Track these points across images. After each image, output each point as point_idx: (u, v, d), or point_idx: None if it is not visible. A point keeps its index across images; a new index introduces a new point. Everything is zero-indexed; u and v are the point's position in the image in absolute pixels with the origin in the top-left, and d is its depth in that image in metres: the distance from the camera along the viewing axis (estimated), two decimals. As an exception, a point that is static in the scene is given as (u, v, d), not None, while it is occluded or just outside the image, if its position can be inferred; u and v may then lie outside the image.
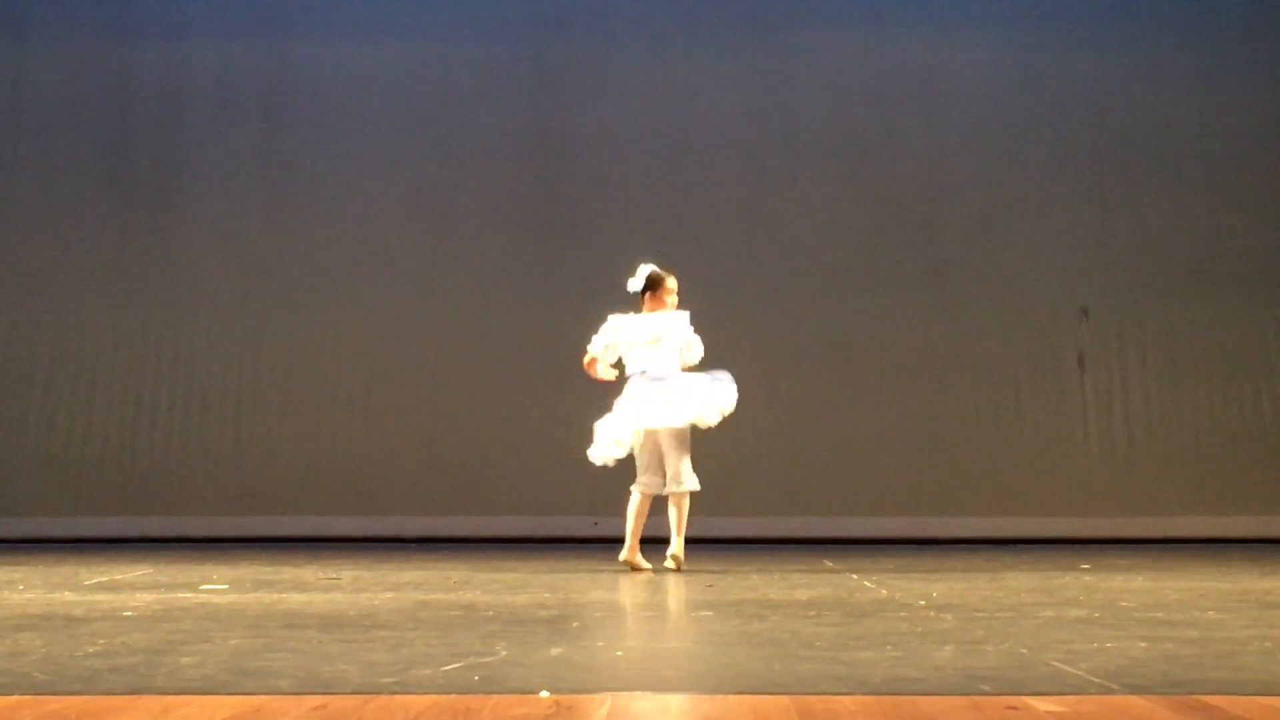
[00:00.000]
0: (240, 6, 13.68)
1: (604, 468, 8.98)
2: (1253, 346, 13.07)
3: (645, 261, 9.21)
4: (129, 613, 6.22)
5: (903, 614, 6.23)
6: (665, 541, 8.89)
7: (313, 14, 13.68)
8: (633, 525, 8.89)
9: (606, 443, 8.96)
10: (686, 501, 8.89)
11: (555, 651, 4.90)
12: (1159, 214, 13.21)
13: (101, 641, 5.15)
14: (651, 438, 8.93)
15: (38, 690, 4.06)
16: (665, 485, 8.90)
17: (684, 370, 9.04)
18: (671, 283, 9.19)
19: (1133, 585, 7.94)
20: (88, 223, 13.38)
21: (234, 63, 13.60)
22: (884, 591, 7.46)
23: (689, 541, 9.01)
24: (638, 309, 9.18)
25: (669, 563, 8.82)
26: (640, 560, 8.85)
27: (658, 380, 8.94)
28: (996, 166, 13.33)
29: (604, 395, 9.14)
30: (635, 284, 9.16)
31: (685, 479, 8.87)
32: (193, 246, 13.39)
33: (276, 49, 13.63)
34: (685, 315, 9.10)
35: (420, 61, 13.57)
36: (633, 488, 8.98)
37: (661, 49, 13.53)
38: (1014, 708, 3.77)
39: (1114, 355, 13.08)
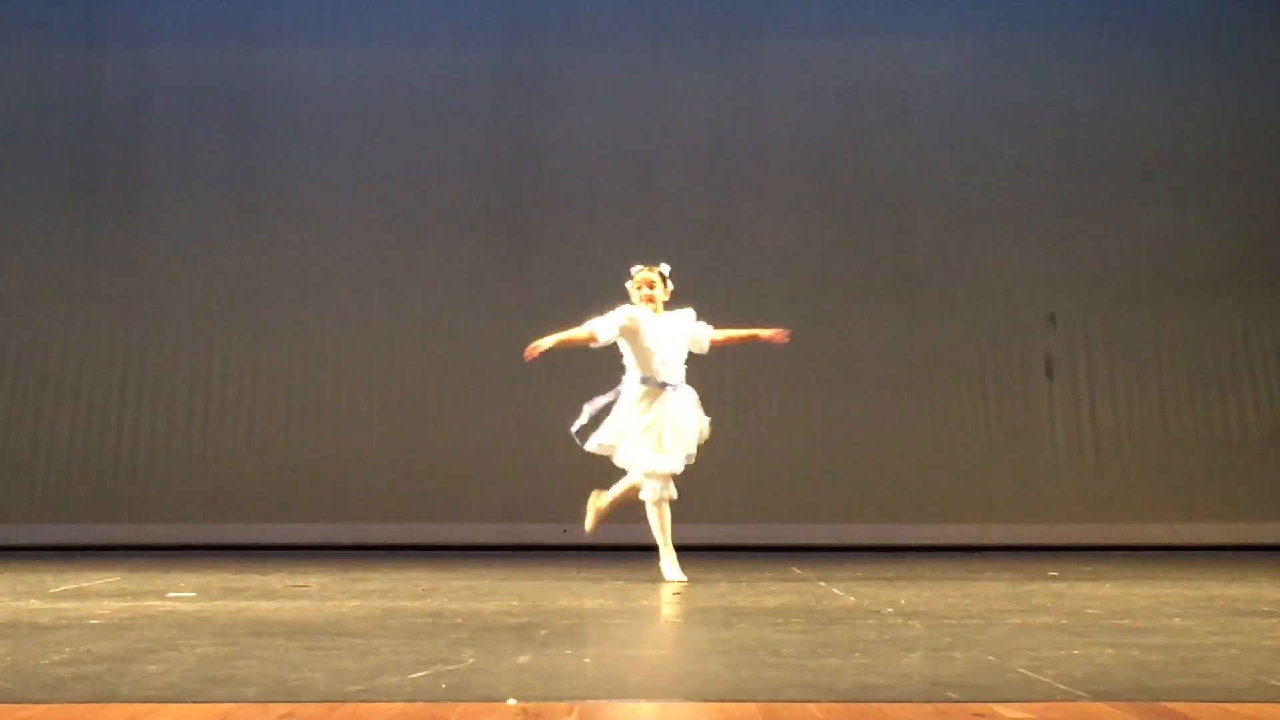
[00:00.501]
0: (207, 14, 13.63)
1: (573, 474, 8.89)
2: (1219, 353, 13.12)
3: (634, 263, 9.08)
4: (95, 621, 6.20)
5: (870, 621, 6.24)
6: (650, 549, 8.84)
7: (280, 22, 13.65)
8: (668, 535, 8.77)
9: (650, 450, 8.67)
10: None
11: (523, 659, 4.90)
12: (1126, 221, 13.26)
13: (67, 650, 5.13)
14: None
15: (3, 699, 4.04)
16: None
17: None
18: (639, 277, 9.02)
19: (1100, 592, 7.96)
20: (54, 230, 13.33)
21: (201, 70, 13.56)
22: (852, 599, 7.47)
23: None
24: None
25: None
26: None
27: (687, 393, 8.86)
28: (964, 174, 13.36)
29: (572, 400, 9.07)
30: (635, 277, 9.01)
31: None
32: (160, 253, 13.35)
33: (243, 56, 13.59)
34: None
35: (388, 70, 13.55)
36: (654, 498, 8.72)
37: (630, 57, 13.53)
38: (981, 715, 3.78)
39: (1081, 362, 13.12)
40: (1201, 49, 13.45)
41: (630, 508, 8.94)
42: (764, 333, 9.19)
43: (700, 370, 9.05)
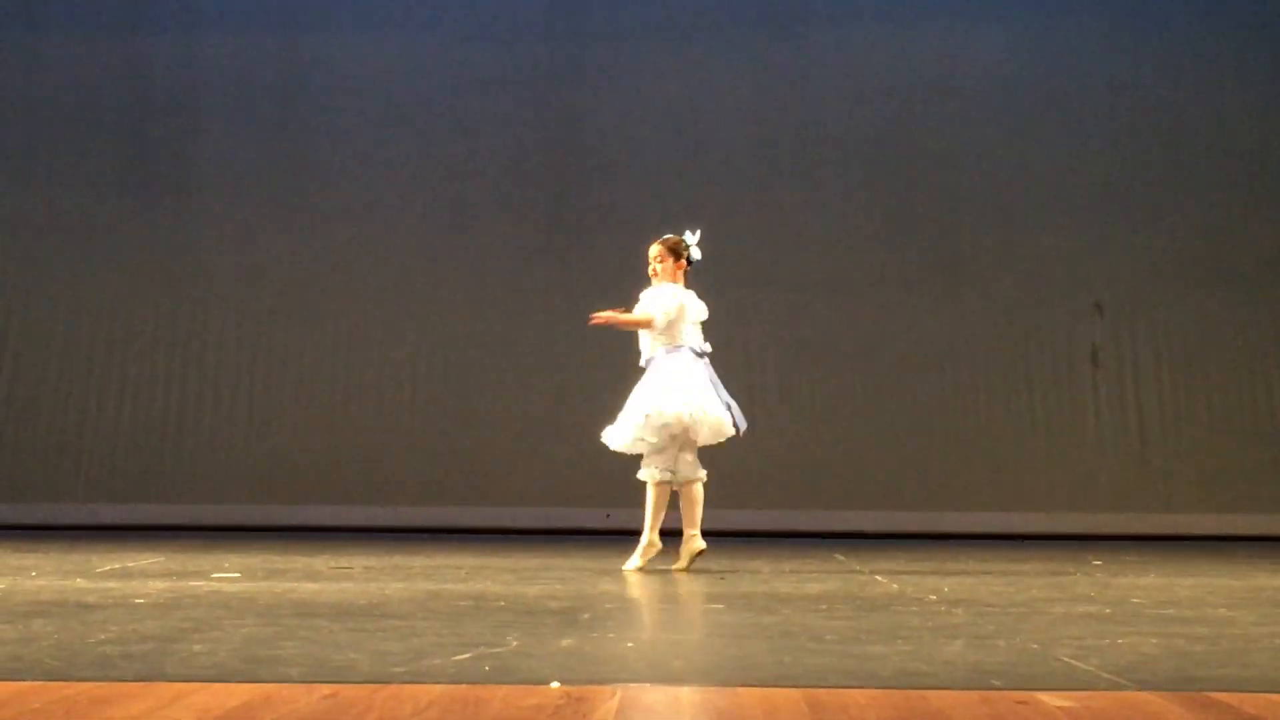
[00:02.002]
0: (255, 3, 13.68)
1: (616, 459, 8.67)
2: (1266, 343, 13.04)
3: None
4: (141, 600, 6.24)
5: (914, 608, 6.23)
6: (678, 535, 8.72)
7: (327, 12, 13.67)
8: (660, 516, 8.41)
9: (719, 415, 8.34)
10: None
11: (566, 643, 4.91)
12: (1174, 210, 13.18)
13: (113, 628, 5.16)
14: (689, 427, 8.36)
15: (49, 676, 4.07)
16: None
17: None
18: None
19: (1144, 582, 7.93)
20: (102, 214, 13.39)
21: (248, 57, 13.60)
22: (895, 586, 7.46)
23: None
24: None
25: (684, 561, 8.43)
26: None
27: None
28: (1011, 162, 13.30)
29: (617, 385, 8.98)
30: (698, 252, 8.69)
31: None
32: (207, 237, 13.41)
33: (290, 43, 13.63)
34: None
35: (434, 56, 13.56)
36: (660, 477, 8.32)
37: (675, 44, 13.51)
38: (1024, 703, 3.77)
39: (1127, 351, 13.06)
40: (1251, 36, 13.35)
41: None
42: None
43: (746, 358, 9.08)
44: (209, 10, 13.66)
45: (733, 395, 8.49)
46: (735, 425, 8.36)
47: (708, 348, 8.51)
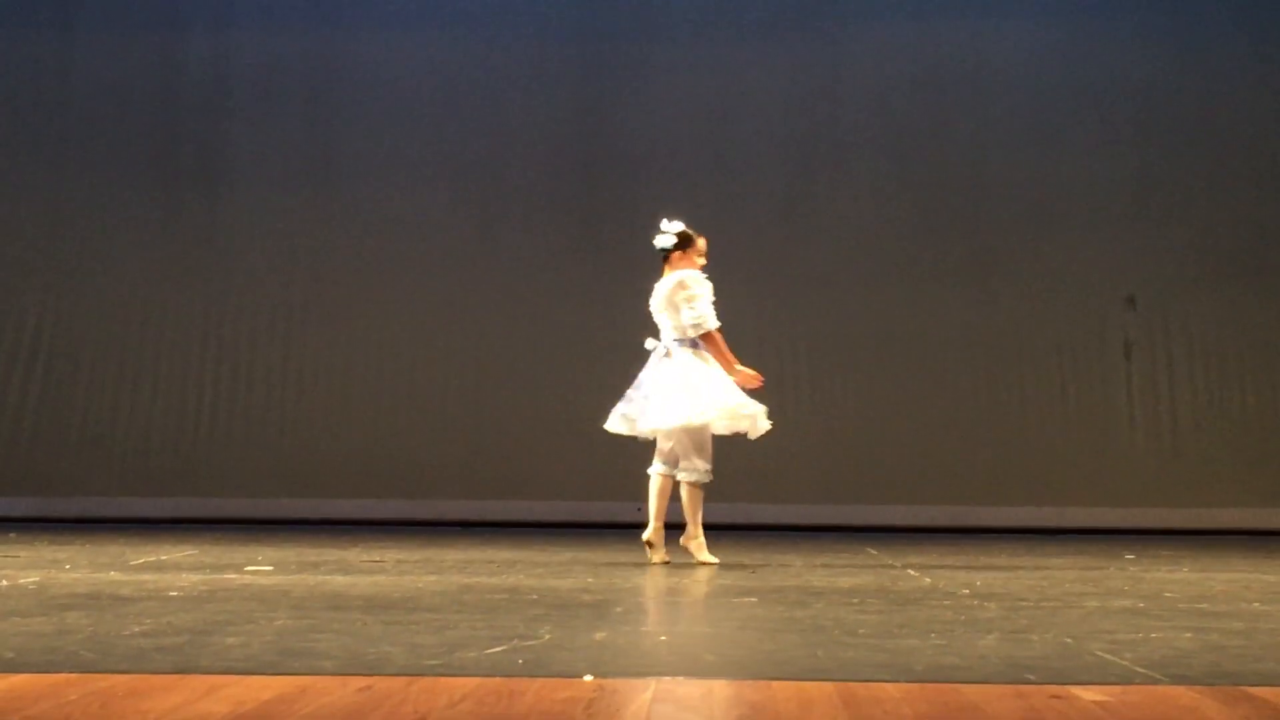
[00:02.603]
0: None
1: (647, 452, 8.67)
2: (1300, 337, 13.00)
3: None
4: (175, 593, 6.26)
5: (946, 602, 6.22)
6: (720, 527, 8.66)
7: (357, 6, 13.69)
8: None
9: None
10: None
11: (599, 636, 4.91)
12: (1206, 204, 13.14)
13: (148, 621, 5.18)
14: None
15: (84, 668, 4.08)
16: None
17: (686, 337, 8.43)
18: (703, 243, 8.66)
19: (1178, 576, 7.91)
20: (135, 208, 13.44)
21: (279, 52, 13.63)
22: (927, 580, 7.45)
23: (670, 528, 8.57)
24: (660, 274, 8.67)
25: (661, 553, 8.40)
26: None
27: (664, 365, 8.48)
28: (1043, 155, 13.27)
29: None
30: (664, 240, 8.65)
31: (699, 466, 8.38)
32: (239, 232, 13.45)
33: (321, 39, 13.65)
34: (687, 274, 8.49)
35: (463, 50, 13.57)
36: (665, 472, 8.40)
37: (705, 37, 13.50)
38: (1059, 696, 3.77)
39: (1160, 345, 13.02)
40: (1284, 30, 13.31)
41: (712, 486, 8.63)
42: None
43: (777, 352, 9.06)
44: (240, 8, 13.69)
45: (765, 389, 8.51)
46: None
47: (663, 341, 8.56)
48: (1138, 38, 13.32)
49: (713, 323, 8.37)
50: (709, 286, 8.46)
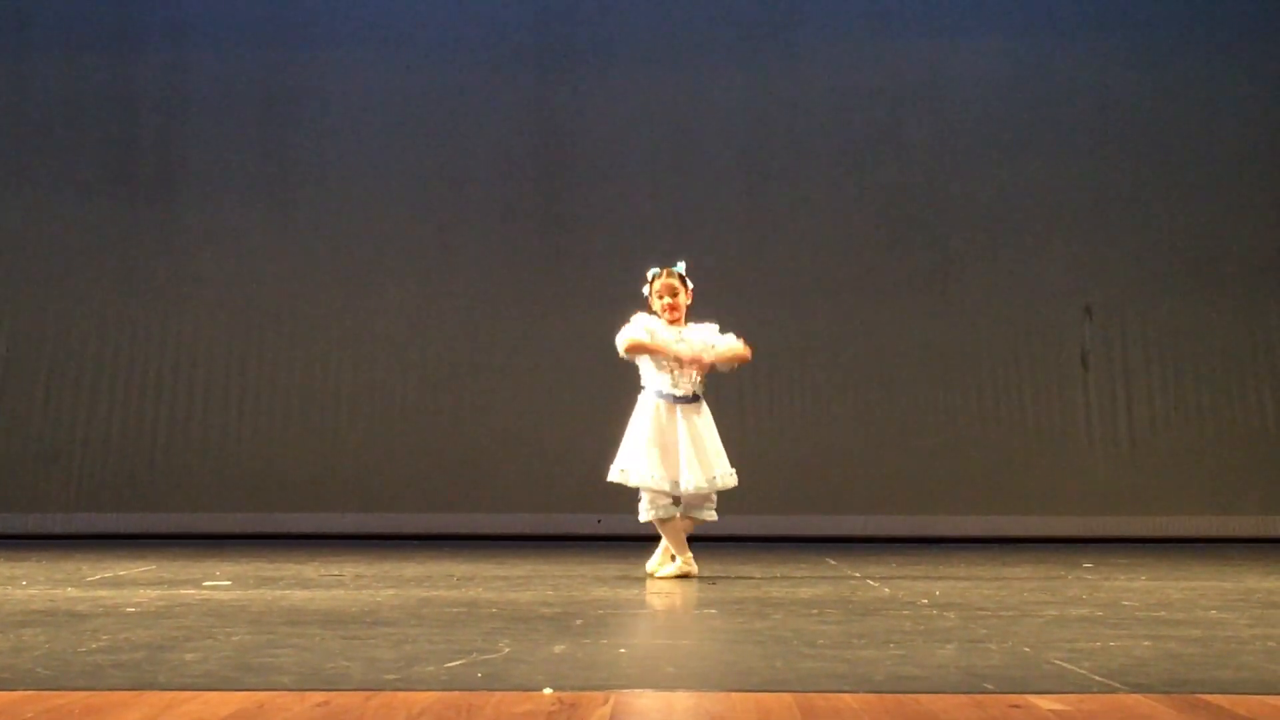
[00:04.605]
0: (241, 12, 13.66)
1: (607, 465, 8.53)
2: (1256, 345, 13.07)
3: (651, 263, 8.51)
4: (132, 609, 6.23)
5: (905, 612, 6.23)
6: (691, 539, 8.59)
7: (313, 22, 13.64)
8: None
9: (654, 466, 8.21)
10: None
11: (558, 649, 4.90)
12: (1162, 213, 13.22)
13: (105, 637, 5.15)
14: None
15: (41, 686, 4.06)
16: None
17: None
18: (659, 283, 8.36)
19: (1135, 584, 7.94)
20: (91, 221, 13.39)
21: (235, 64, 13.59)
22: (887, 590, 7.47)
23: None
24: (645, 306, 8.44)
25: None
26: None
27: (703, 409, 8.43)
28: (999, 166, 13.33)
29: (606, 391, 8.98)
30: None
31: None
32: (195, 245, 13.40)
33: (277, 51, 13.61)
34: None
35: (421, 60, 13.56)
36: (653, 517, 8.25)
37: (665, 48, 13.52)
38: (1017, 706, 3.77)
39: (1117, 354, 13.08)
40: (1237, 40, 13.38)
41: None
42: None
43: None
44: (196, 24, 13.64)
45: (723, 400, 8.52)
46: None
47: (683, 390, 8.37)
48: (1093, 48, 13.40)
49: (620, 345, 8.25)
50: (638, 319, 8.32)
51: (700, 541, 8.49)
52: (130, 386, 13.20)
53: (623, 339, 8.24)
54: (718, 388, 8.64)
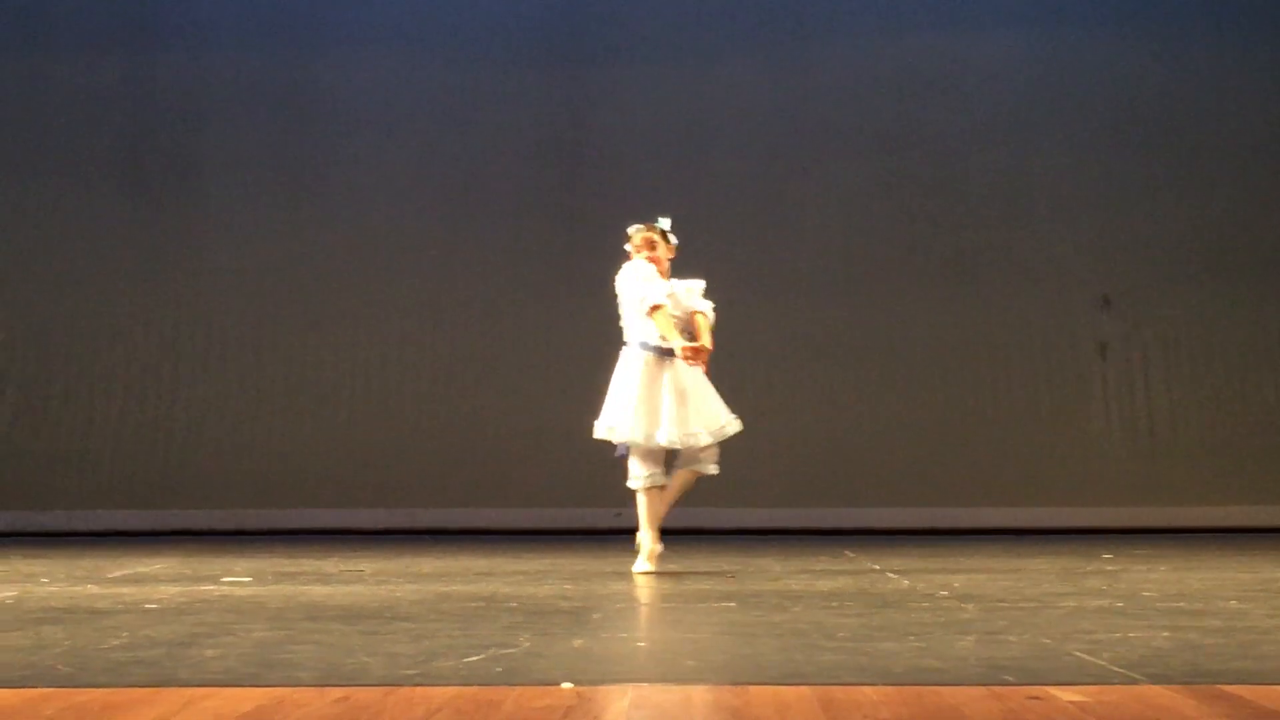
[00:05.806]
0: (259, 11, 13.66)
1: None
2: (1273, 336, 13.04)
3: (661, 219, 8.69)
4: (152, 605, 6.24)
5: (924, 604, 6.23)
6: (703, 532, 8.63)
7: (329, 22, 13.64)
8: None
9: (646, 422, 8.04)
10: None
11: (577, 643, 4.91)
12: (1180, 204, 13.18)
13: (125, 634, 5.16)
14: None
15: (62, 683, 4.07)
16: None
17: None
18: (639, 237, 8.49)
19: (1155, 575, 7.92)
20: (108, 220, 13.41)
21: (252, 62, 13.59)
22: (905, 582, 7.46)
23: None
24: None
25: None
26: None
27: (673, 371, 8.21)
28: (1017, 158, 13.30)
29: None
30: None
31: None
32: (212, 243, 13.41)
33: (294, 47, 13.61)
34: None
35: (436, 56, 13.55)
36: (641, 485, 8.12)
37: (680, 41, 13.50)
38: (1037, 697, 3.77)
39: (1135, 345, 13.05)
40: (1255, 32, 13.34)
41: (693, 493, 8.55)
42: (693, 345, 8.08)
43: (752, 355, 9.04)
44: (214, 24, 13.64)
45: (740, 391, 8.50)
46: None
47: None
48: (1111, 40, 13.37)
49: (645, 306, 8.12)
50: (654, 277, 8.25)
51: (717, 535, 8.49)
52: (147, 383, 13.21)
53: (648, 302, 8.06)
54: (739, 379, 8.60)
